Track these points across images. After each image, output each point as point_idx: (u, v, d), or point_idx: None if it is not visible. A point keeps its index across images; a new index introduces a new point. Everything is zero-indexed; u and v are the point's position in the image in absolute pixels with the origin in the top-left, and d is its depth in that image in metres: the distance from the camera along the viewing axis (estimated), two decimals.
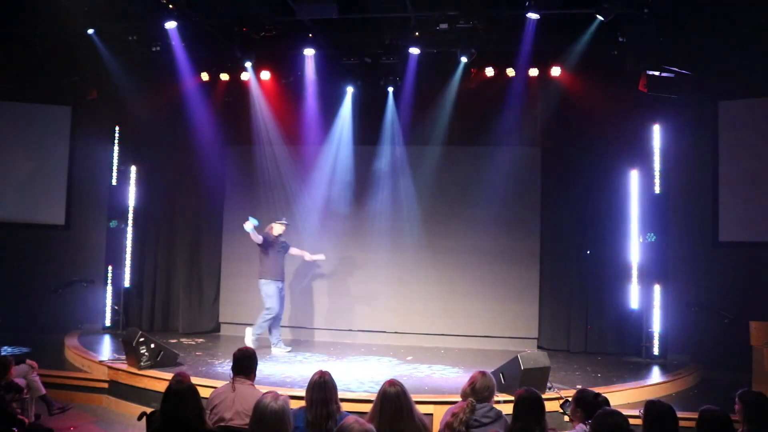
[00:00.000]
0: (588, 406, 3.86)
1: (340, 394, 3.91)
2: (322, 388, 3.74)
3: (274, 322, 8.29)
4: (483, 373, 4.05)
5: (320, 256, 8.76)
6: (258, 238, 8.10)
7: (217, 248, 9.90)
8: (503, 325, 9.05)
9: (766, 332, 6.11)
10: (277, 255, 8.31)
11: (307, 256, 8.72)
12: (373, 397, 3.71)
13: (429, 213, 9.29)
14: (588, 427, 3.78)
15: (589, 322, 8.85)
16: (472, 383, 3.99)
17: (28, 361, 6.21)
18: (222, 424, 4.02)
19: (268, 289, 8.19)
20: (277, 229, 8.32)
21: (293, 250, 8.59)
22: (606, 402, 3.86)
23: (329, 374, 3.86)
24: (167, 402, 3.45)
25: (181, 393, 3.44)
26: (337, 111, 9.48)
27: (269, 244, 8.22)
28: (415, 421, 3.57)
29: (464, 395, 3.98)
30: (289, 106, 9.48)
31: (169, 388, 3.50)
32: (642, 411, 3.61)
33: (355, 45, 8.85)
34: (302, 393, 3.87)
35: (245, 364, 4.30)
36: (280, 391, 3.56)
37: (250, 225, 8.01)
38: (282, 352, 8.21)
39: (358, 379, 6.84)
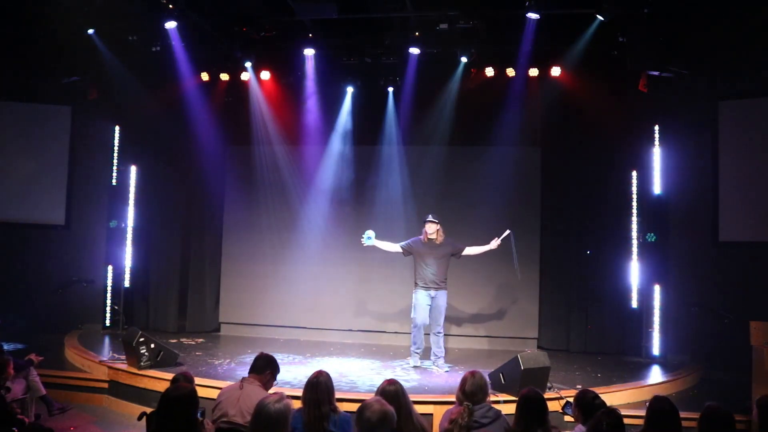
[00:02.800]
0: (587, 407, 3.87)
1: (339, 395, 3.91)
2: (314, 388, 3.74)
3: (417, 334, 7.58)
4: (473, 373, 3.99)
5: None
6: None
7: (217, 248, 9.90)
8: (503, 325, 9.05)
9: (766, 332, 6.10)
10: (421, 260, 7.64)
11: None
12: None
13: (428, 213, 9.26)
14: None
15: (589, 322, 8.85)
16: (462, 386, 3.93)
17: (32, 356, 6.22)
18: (225, 419, 4.02)
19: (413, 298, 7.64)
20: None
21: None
22: (604, 404, 3.87)
23: (326, 375, 3.85)
24: (163, 407, 3.42)
25: (179, 399, 3.41)
26: (337, 111, 9.48)
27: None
28: (413, 421, 3.56)
29: (458, 400, 3.93)
30: (289, 106, 9.49)
31: (166, 394, 3.47)
32: (647, 407, 3.62)
33: (355, 45, 8.85)
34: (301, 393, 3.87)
35: (258, 363, 4.31)
36: (280, 391, 3.57)
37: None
38: (438, 371, 7.39)
39: (358, 379, 6.85)
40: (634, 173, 8.78)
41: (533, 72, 8.65)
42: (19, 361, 6.04)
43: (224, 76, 9.37)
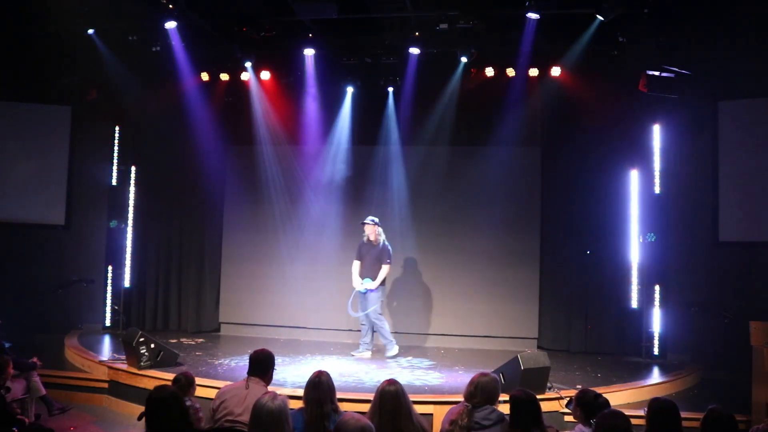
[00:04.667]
0: (588, 406, 3.86)
1: (340, 394, 3.91)
2: (316, 387, 3.74)
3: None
4: (481, 375, 3.93)
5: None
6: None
7: (217, 248, 9.90)
8: (503, 325, 9.04)
9: (766, 332, 6.09)
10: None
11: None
12: (371, 398, 3.70)
13: (429, 213, 9.29)
14: (589, 427, 3.78)
15: (589, 322, 8.84)
16: (468, 385, 3.89)
17: (34, 359, 6.21)
18: (230, 418, 4.00)
19: None
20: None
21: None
22: (606, 404, 3.86)
23: (327, 374, 3.85)
24: (149, 410, 3.40)
25: (163, 400, 3.39)
26: (337, 111, 9.48)
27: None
28: (413, 421, 3.56)
29: (467, 398, 3.89)
30: (289, 106, 9.49)
31: (149, 397, 3.44)
32: (645, 408, 3.62)
33: (355, 45, 8.85)
34: (302, 393, 3.87)
35: (260, 365, 4.24)
36: (279, 391, 3.56)
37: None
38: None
39: (358, 379, 6.85)
40: (634, 173, 8.77)
41: (533, 72, 8.65)
42: (23, 361, 6.04)
43: (224, 76, 9.37)
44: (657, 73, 8.05)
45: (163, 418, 3.31)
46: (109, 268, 9.76)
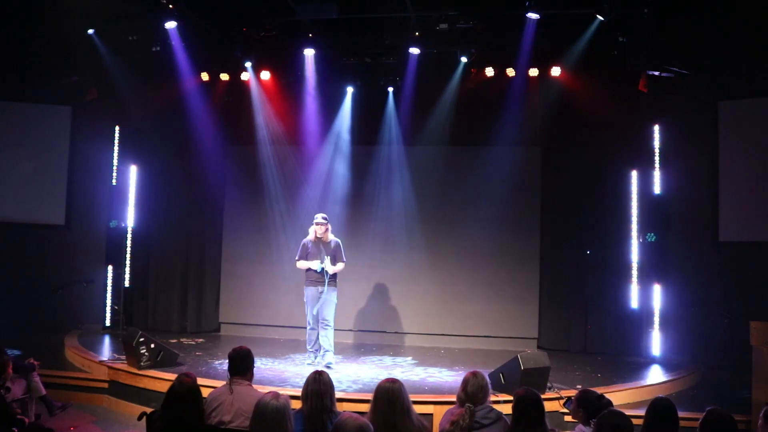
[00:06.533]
0: (591, 407, 3.86)
1: (338, 394, 3.91)
2: (316, 381, 3.75)
3: (310, 331, 7.52)
4: (474, 374, 3.98)
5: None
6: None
7: (217, 248, 9.90)
8: (503, 325, 9.05)
9: (766, 332, 6.09)
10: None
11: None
12: (371, 397, 3.70)
13: (429, 213, 9.30)
14: (589, 427, 3.78)
15: (589, 322, 8.85)
16: (464, 386, 3.92)
17: (31, 360, 6.21)
18: (222, 426, 4.00)
19: None
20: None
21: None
22: (610, 404, 3.87)
23: (326, 374, 3.87)
24: (169, 403, 3.44)
25: (183, 395, 3.42)
26: (337, 111, 9.48)
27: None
28: (413, 421, 3.56)
29: (460, 401, 3.92)
30: (289, 106, 9.49)
31: (171, 389, 3.49)
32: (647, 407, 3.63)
33: (355, 45, 8.85)
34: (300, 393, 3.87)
35: (241, 363, 4.22)
36: (281, 391, 3.57)
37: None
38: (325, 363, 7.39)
39: (358, 380, 6.85)
40: (634, 173, 8.78)
41: (533, 72, 8.65)
42: (20, 363, 6.04)
43: (224, 76, 9.37)
44: (657, 73, 8.05)
45: (182, 410, 3.33)
46: (109, 268, 9.77)
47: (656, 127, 8.72)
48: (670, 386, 7.12)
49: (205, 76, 9.36)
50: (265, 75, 9.35)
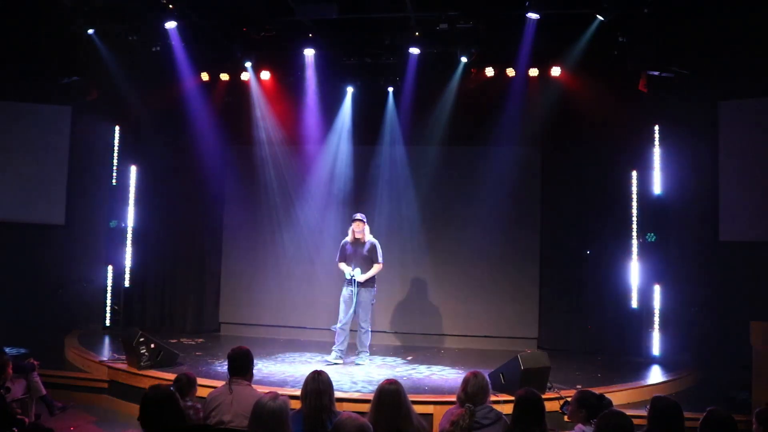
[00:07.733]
0: (592, 407, 3.86)
1: (338, 394, 3.91)
2: (315, 380, 3.75)
3: (340, 332, 7.68)
4: (474, 374, 3.99)
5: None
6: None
7: (217, 248, 9.90)
8: (503, 325, 9.05)
9: (766, 332, 6.09)
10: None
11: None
12: (371, 398, 3.70)
13: (429, 213, 9.30)
14: (589, 427, 3.78)
15: (589, 322, 8.84)
16: (464, 386, 3.93)
17: (31, 360, 6.22)
18: (222, 426, 4.00)
19: None
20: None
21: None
22: (611, 403, 3.87)
23: (325, 373, 3.87)
24: (144, 411, 3.37)
25: (159, 401, 3.37)
26: (337, 111, 9.48)
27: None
28: (413, 422, 3.56)
29: (460, 401, 3.93)
30: (289, 106, 9.49)
31: (145, 396, 3.42)
32: (648, 407, 3.62)
33: (355, 45, 8.84)
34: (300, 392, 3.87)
35: (240, 363, 4.23)
36: (280, 391, 3.56)
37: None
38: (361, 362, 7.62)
39: (358, 380, 6.85)
40: (634, 173, 8.78)
41: (533, 72, 8.65)
42: (20, 363, 6.04)
43: (224, 76, 9.38)
44: (657, 73, 8.05)
45: (158, 417, 3.29)
46: (109, 268, 9.76)
47: (656, 127, 8.70)
48: (670, 386, 7.12)
49: (205, 76, 9.37)
50: (265, 75, 9.35)
